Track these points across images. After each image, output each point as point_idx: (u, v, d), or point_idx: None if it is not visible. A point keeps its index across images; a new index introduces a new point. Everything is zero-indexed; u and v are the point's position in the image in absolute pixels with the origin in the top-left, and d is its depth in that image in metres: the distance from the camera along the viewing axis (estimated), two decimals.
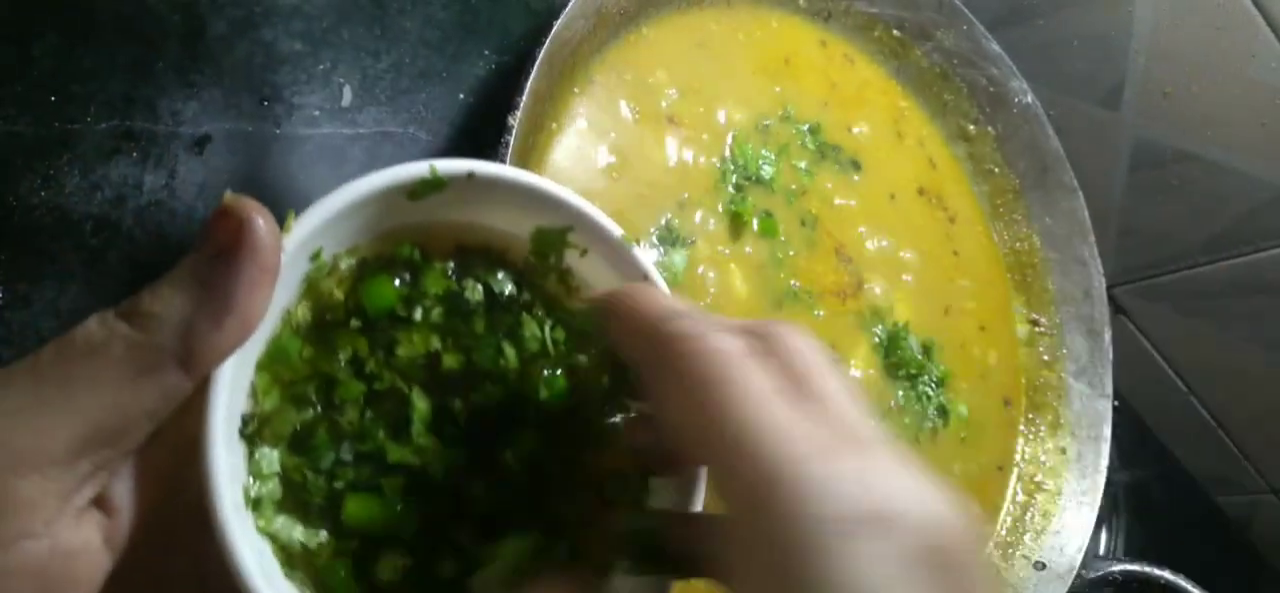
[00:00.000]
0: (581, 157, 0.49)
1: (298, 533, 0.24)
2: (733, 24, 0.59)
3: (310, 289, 0.25)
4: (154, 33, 0.45)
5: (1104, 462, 0.61)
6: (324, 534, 0.24)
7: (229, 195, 0.21)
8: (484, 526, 0.26)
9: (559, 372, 0.27)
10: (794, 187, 0.57)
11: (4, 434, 0.18)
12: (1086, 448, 0.62)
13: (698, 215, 0.52)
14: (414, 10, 0.56)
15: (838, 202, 0.59)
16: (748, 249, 0.53)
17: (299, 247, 0.24)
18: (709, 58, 0.57)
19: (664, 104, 0.53)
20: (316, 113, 0.52)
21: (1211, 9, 0.63)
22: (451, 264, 0.27)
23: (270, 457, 0.24)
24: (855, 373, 0.56)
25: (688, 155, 0.53)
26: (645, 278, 0.27)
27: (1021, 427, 0.65)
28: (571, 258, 0.28)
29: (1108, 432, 0.62)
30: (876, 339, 0.57)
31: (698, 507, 0.26)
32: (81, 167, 0.43)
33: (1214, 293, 0.77)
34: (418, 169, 0.25)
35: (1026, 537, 0.60)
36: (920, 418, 0.58)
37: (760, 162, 0.55)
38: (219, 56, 0.47)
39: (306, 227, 0.24)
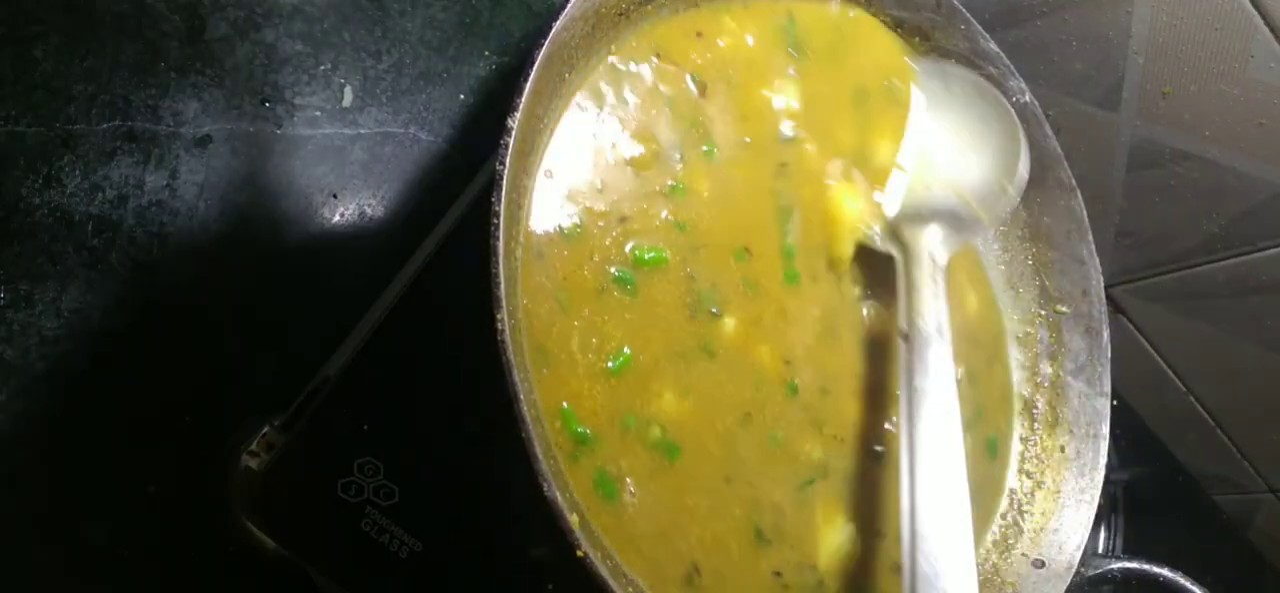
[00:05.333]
0: (581, 156, 0.49)
1: None
2: (732, 24, 0.59)
3: None
4: (155, 33, 0.45)
5: (1103, 460, 0.61)
6: None
7: None
8: None
9: None
10: (795, 182, 0.56)
11: None
12: (1085, 446, 0.62)
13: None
14: (415, 11, 0.56)
15: (844, 200, 0.59)
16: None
17: None
18: (708, 58, 0.57)
19: (663, 104, 0.53)
20: (318, 113, 0.52)
21: (1210, 9, 0.63)
22: None
23: None
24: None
25: (688, 155, 0.53)
26: None
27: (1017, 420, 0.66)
28: None
29: (1106, 430, 0.62)
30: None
31: None
32: (83, 167, 0.43)
33: (1212, 292, 0.77)
34: None
35: (1025, 534, 0.60)
36: None
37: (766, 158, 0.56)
38: (220, 57, 0.48)
39: None
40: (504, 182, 0.39)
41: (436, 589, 0.50)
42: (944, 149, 0.61)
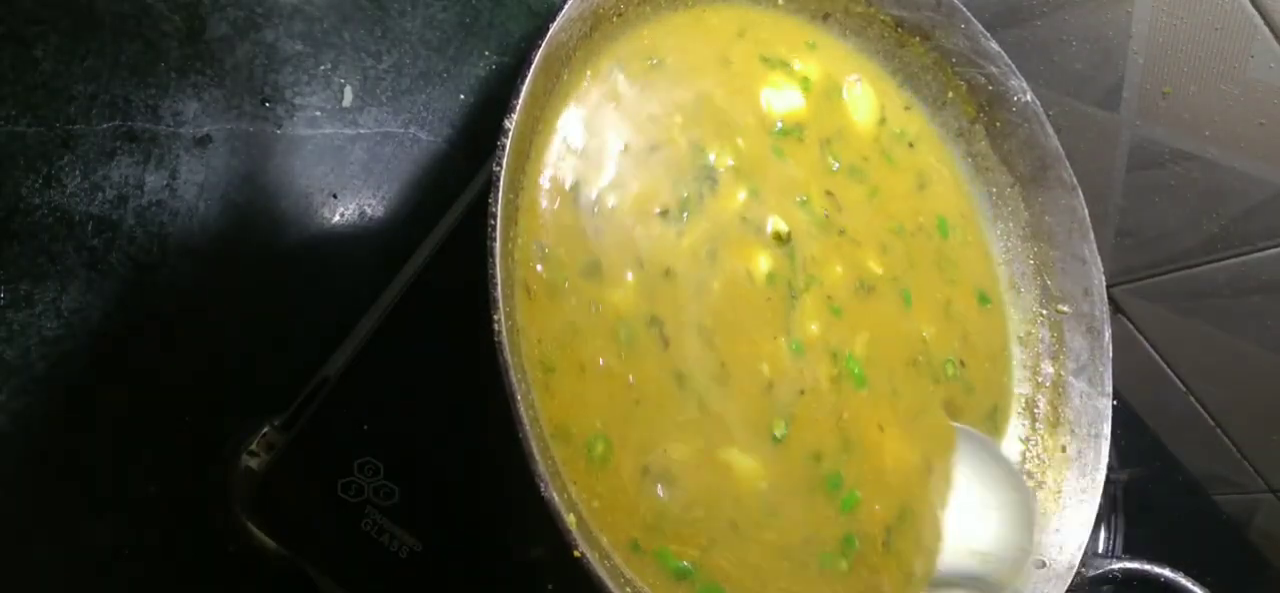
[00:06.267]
0: (581, 156, 0.49)
1: None
2: (732, 23, 0.59)
3: None
4: (155, 33, 0.45)
5: (1104, 460, 0.61)
6: None
7: None
8: None
9: None
10: (794, 178, 0.56)
11: None
12: (1086, 446, 0.62)
13: (696, 211, 0.52)
14: (415, 11, 0.56)
15: (840, 195, 0.59)
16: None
17: None
18: (707, 57, 0.57)
19: (663, 103, 0.53)
20: (318, 113, 0.52)
21: (1210, 9, 0.63)
22: None
23: None
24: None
25: (688, 155, 0.53)
26: None
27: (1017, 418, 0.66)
28: None
29: (1107, 430, 0.62)
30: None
31: None
32: (83, 167, 0.43)
33: (1212, 292, 0.77)
34: None
35: None
36: None
37: (760, 159, 0.56)
38: (220, 57, 0.47)
39: None
40: (501, 183, 0.39)
41: (436, 589, 0.50)
42: (964, 512, 0.59)
